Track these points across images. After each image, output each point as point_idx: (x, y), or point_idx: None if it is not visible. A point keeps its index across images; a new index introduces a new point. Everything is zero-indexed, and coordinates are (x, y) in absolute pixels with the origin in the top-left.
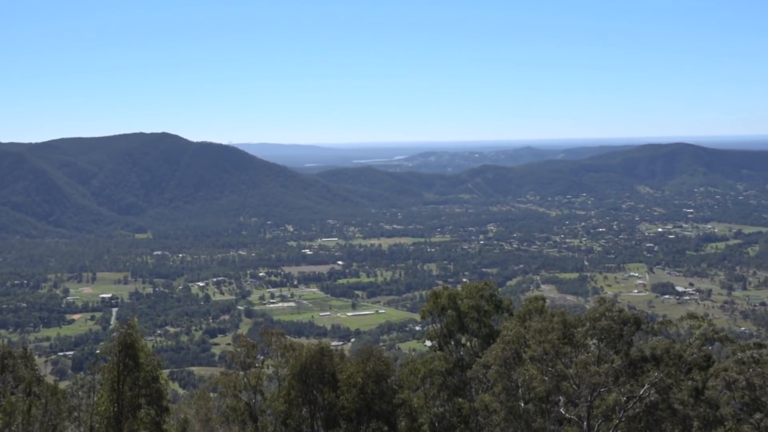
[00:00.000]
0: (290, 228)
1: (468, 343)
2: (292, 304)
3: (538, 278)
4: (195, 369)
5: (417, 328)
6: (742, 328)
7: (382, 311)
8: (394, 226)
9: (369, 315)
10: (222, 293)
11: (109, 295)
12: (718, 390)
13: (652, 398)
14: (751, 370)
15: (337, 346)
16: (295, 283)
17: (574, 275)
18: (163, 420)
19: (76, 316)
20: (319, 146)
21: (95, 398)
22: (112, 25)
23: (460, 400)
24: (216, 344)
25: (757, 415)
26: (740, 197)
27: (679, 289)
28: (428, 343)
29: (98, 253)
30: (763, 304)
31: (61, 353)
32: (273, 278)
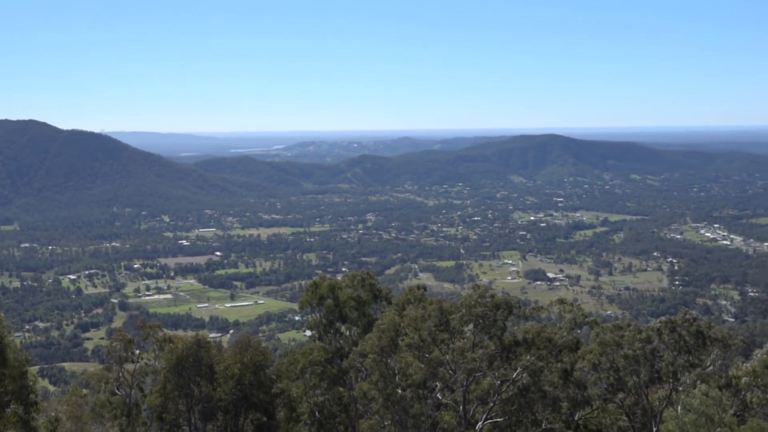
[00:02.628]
0: (166, 218)
1: (347, 333)
2: (168, 296)
3: (416, 267)
4: (67, 365)
5: (297, 318)
6: (609, 312)
7: (261, 302)
8: (273, 216)
9: (248, 306)
10: (95, 286)
11: None
12: (585, 371)
13: (525, 381)
14: (613, 352)
15: (216, 337)
16: (172, 274)
17: (451, 263)
18: (32, 418)
19: None
20: (195, 135)
21: None
22: None
23: (340, 389)
24: (89, 339)
25: (620, 395)
26: (606, 186)
27: (550, 275)
28: (308, 332)
29: None
30: (627, 288)
31: None
32: (148, 270)
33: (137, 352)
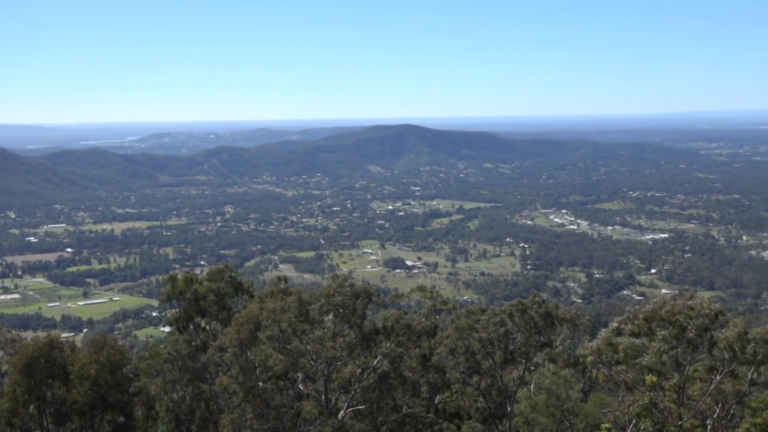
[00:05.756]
0: (12, 214)
1: (207, 327)
2: (16, 295)
3: (276, 258)
4: None
5: (154, 314)
6: (465, 297)
7: (117, 298)
8: (127, 209)
9: (102, 303)
10: None
11: None
12: (444, 356)
13: (385, 368)
14: (469, 336)
15: (68, 337)
16: (19, 273)
17: (311, 254)
18: None
19: None
20: (42, 126)
21: None
22: None
23: (201, 384)
24: None
25: (476, 377)
26: (461, 175)
27: (409, 263)
28: (167, 328)
29: None
30: (482, 273)
31: None
32: None
33: None
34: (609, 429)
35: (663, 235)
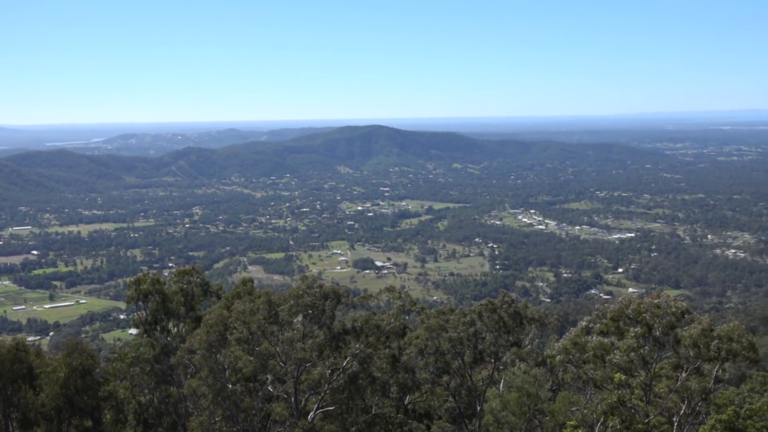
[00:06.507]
0: None
1: (175, 329)
2: None
3: (245, 260)
4: None
5: (122, 316)
6: (435, 297)
7: (84, 301)
8: (94, 211)
9: (69, 306)
10: None
11: None
12: (413, 356)
13: (354, 369)
14: (438, 336)
15: (34, 340)
16: None
17: (281, 255)
18: None
19: None
20: (5, 128)
21: None
22: None
23: (168, 387)
24: None
25: (445, 377)
26: (430, 176)
27: (379, 263)
28: (134, 331)
29: None
30: (451, 274)
31: None
32: None
33: None
34: (575, 427)
35: (630, 235)
